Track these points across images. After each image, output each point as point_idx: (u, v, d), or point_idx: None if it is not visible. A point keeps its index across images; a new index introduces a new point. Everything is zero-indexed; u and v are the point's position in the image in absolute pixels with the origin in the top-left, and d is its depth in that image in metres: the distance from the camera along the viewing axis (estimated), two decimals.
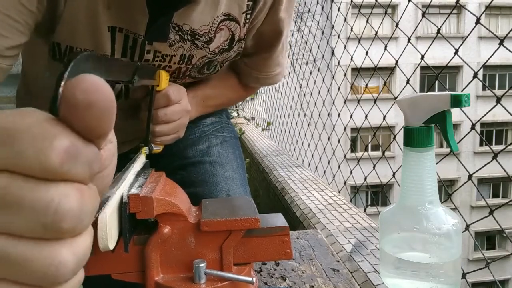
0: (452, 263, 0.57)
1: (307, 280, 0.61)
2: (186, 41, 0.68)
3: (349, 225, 1.08)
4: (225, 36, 0.71)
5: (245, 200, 0.53)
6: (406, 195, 0.59)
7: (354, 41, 1.73)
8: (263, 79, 0.87)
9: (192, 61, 0.72)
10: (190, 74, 0.76)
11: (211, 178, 0.86)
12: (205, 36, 0.69)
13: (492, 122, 13.95)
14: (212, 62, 0.76)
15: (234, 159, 0.92)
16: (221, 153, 0.91)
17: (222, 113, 0.99)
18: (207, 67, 0.77)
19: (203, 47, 0.70)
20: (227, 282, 0.46)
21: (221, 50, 0.74)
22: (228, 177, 0.87)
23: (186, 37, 0.67)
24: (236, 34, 0.73)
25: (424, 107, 0.57)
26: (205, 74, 0.79)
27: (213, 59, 0.74)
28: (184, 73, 0.75)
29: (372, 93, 1.72)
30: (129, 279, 0.48)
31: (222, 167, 0.88)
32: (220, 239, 0.47)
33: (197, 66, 0.74)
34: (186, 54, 0.70)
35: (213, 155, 0.89)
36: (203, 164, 0.88)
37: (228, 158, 0.91)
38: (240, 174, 0.91)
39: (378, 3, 1.43)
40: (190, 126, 0.93)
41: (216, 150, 0.91)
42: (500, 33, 8.56)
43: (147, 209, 0.43)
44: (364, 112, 1.59)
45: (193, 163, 0.88)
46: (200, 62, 0.74)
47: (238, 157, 0.95)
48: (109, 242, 0.38)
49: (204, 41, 0.69)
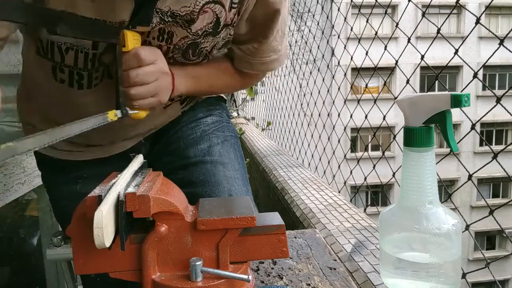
0: (452, 263, 0.57)
1: (304, 279, 0.61)
2: (167, 22, 0.68)
3: (349, 225, 1.08)
4: (209, 18, 0.70)
5: (242, 199, 0.53)
6: (406, 195, 0.59)
7: (354, 41, 1.73)
8: (257, 64, 0.83)
9: (173, 40, 0.71)
10: (174, 57, 0.75)
11: (212, 178, 0.85)
12: (187, 16, 0.68)
13: (492, 122, 13.95)
14: (197, 46, 0.74)
15: (235, 159, 0.91)
16: (222, 152, 0.90)
17: (222, 113, 0.98)
18: (192, 52, 0.75)
19: (184, 26, 0.69)
20: (223, 280, 0.46)
21: (205, 33, 0.72)
22: (230, 176, 0.86)
23: (166, 19, 0.67)
24: (221, 18, 0.71)
25: (424, 107, 0.57)
26: (191, 60, 0.77)
27: (197, 41, 0.73)
28: (166, 54, 0.73)
29: (372, 93, 1.71)
30: (126, 277, 0.48)
31: (224, 166, 0.87)
32: (217, 237, 0.47)
33: (180, 48, 0.73)
34: (166, 30, 0.69)
35: (214, 155, 0.88)
36: (204, 164, 0.87)
37: (230, 158, 0.90)
38: (242, 174, 0.90)
39: (378, 3, 1.43)
40: (191, 125, 0.91)
41: (217, 150, 0.89)
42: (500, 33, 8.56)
43: (143, 208, 0.43)
44: (364, 112, 1.59)
45: (194, 163, 0.87)
46: (183, 43, 0.72)
47: (239, 156, 0.94)
48: (105, 240, 0.38)
49: (185, 20, 0.69)
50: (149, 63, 0.66)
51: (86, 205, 0.43)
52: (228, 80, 0.88)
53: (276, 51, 0.82)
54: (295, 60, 3.20)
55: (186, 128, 0.91)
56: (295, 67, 3.17)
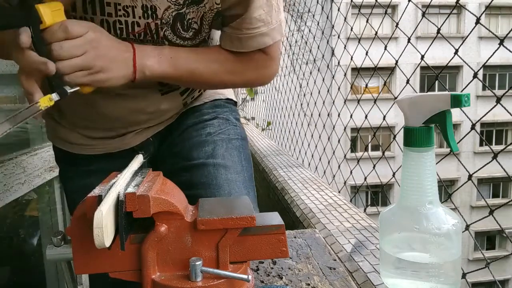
0: (452, 263, 0.57)
1: (304, 279, 0.61)
2: None
3: (349, 225, 1.08)
4: None
5: (242, 199, 0.53)
6: (406, 195, 0.59)
7: (354, 41, 1.73)
8: (245, 39, 0.77)
9: (158, 13, 0.70)
10: (165, 35, 0.74)
11: (213, 180, 0.85)
12: None
13: (492, 122, 13.95)
14: (184, 17, 0.73)
15: (238, 162, 0.91)
16: (225, 155, 0.89)
17: (230, 115, 0.97)
18: (181, 25, 0.74)
19: None
20: (223, 280, 0.46)
21: (187, 2, 0.71)
22: (231, 179, 0.87)
23: None
24: None
25: (424, 107, 0.57)
26: (183, 35, 0.76)
27: (181, 12, 0.72)
28: (157, 32, 0.72)
29: (372, 93, 1.71)
30: (126, 277, 0.48)
31: (226, 169, 0.87)
32: (216, 237, 0.47)
33: (167, 22, 0.72)
34: (148, 5, 0.69)
35: (218, 158, 0.88)
36: (207, 166, 0.87)
37: (233, 161, 0.90)
38: (244, 177, 0.90)
39: (378, 3, 1.43)
40: (197, 127, 0.91)
41: (221, 153, 0.89)
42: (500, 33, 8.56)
43: (143, 208, 0.43)
44: (364, 112, 1.59)
45: (197, 165, 0.87)
46: (168, 15, 0.71)
47: (244, 159, 0.93)
48: (105, 240, 0.38)
49: None
50: (76, 35, 0.61)
51: (86, 205, 0.43)
52: (215, 68, 0.80)
53: (266, 22, 0.76)
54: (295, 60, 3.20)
55: (191, 130, 0.92)
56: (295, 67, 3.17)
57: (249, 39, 0.77)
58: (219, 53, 0.80)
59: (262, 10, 0.75)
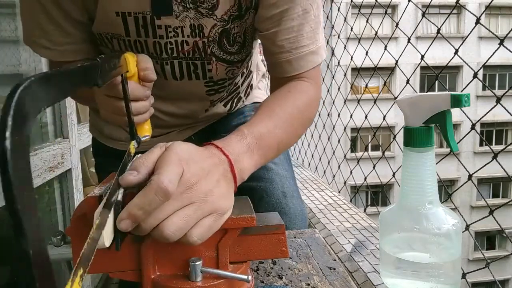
0: (452, 263, 0.57)
1: (304, 279, 0.61)
2: (190, 9, 0.68)
3: (349, 225, 1.08)
4: (230, 1, 0.70)
5: (242, 199, 0.53)
6: (406, 195, 0.59)
7: (354, 41, 1.73)
8: (296, 60, 0.72)
9: (204, 32, 0.72)
10: (213, 51, 0.75)
11: (266, 174, 0.88)
12: (207, 3, 0.68)
13: (492, 122, 13.96)
14: (229, 33, 0.74)
15: (285, 160, 0.95)
16: None
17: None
18: (226, 40, 0.75)
19: (208, 15, 0.70)
20: (223, 280, 0.46)
21: (232, 17, 0.72)
22: (282, 175, 0.90)
23: (188, 6, 0.68)
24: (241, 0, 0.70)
25: (424, 107, 0.56)
26: (229, 50, 0.76)
27: (227, 28, 0.73)
28: (205, 50, 0.74)
29: (372, 93, 1.71)
30: (126, 277, 0.48)
31: (275, 165, 0.91)
32: (216, 237, 0.47)
33: (214, 39, 0.73)
34: (195, 24, 0.70)
35: None
36: None
37: (280, 159, 0.93)
38: (291, 175, 0.93)
39: (378, 3, 1.43)
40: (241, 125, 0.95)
41: None
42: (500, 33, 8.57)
43: None
44: (364, 112, 1.59)
45: None
46: (214, 33, 0.72)
47: (288, 159, 0.98)
48: (104, 240, 0.38)
49: (207, 8, 0.69)
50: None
51: (86, 205, 0.43)
52: (291, 117, 0.68)
53: (314, 41, 0.72)
54: None
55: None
56: None
57: (299, 60, 0.73)
58: (280, 107, 0.68)
59: (310, 27, 0.71)
